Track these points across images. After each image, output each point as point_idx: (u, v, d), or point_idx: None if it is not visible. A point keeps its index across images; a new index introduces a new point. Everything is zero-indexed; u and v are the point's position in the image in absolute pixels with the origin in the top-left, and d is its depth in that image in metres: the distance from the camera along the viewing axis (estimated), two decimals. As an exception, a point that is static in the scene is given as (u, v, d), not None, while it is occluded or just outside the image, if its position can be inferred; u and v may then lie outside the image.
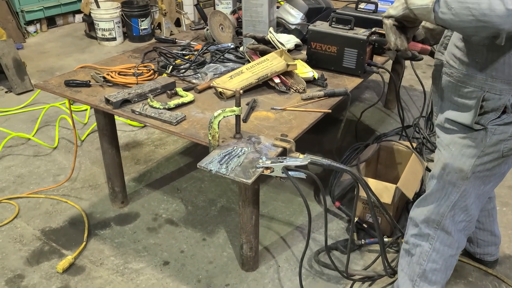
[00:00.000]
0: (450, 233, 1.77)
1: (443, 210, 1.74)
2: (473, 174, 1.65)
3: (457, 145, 1.64)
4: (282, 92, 2.21)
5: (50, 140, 3.42)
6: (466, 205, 1.72)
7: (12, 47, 4.20)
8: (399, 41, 1.64)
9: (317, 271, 2.30)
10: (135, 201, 2.77)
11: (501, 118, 1.52)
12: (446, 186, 1.71)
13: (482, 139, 1.57)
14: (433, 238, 1.80)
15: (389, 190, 2.35)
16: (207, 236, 2.51)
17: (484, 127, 1.55)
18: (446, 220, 1.75)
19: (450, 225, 1.76)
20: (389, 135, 3.41)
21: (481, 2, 1.24)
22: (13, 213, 2.65)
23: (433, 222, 1.78)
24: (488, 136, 1.56)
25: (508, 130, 1.54)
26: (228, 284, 2.22)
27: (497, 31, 1.27)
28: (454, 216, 1.75)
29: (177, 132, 1.88)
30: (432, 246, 1.81)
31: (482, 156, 1.60)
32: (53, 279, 2.23)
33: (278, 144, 1.75)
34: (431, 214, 1.78)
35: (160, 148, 3.35)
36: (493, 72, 1.47)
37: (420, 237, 1.84)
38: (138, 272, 2.27)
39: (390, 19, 1.62)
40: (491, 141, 1.57)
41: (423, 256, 1.84)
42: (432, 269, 1.84)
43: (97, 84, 2.27)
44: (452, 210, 1.73)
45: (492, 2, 1.23)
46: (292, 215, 2.68)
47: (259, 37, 2.44)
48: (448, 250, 1.81)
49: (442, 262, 1.82)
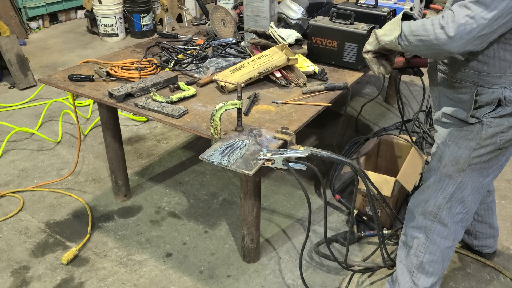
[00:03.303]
0: (446, 225, 1.80)
1: (439, 202, 1.77)
2: (469, 166, 1.67)
3: (454, 137, 1.67)
4: (283, 86, 2.24)
5: (54, 134, 3.46)
6: (462, 197, 1.74)
7: (15, 43, 4.23)
8: (382, 69, 1.82)
9: (318, 262, 2.33)
10: (138, 195, 2.81)
11: (496, 111, 1.55)
12: (442, 178, 1.75)
13: (478, 132, 1.60)
14: (429, 230, 1.83)
15: (388, 183, 2.38)
16: (209, 229, 2.55)
17: (479, 120, 1.58)
18: (442, 212, 1.78)
19: (446, 217, 1.79)
20: (389, 129, 3.44)
21: (429, 34, 1.44)
22: (18, 206, 2.69)
23: (429, 214, 1.81)
24: (484, 129, 1.59)
25: (503, 122, 1.57)
26: (229, 275, 2.25)
27: (450, 54, 1.45)
28: (451, 208, 1.77)
29: (180, 125, 1.91)
30: (428, 238, 1.84)
31: (479, 148, 1.63)
32: (58, 270, 2.27)
33: (279, 136, 1.78)
34: (428, 206, 1.81)
35: (163, 142, 3.38)
36: (484, 66, 1.52)
37: (417, 229, 1.87)
38: (141, 264, 2.31)
39: (369, 54, 1.79)
40: (487, 134, 1.59)
41: (420, 248, 1.87)
42: (429, 261, 1.87)
43: (101, 79, 2.30)
44: (449, 202, 1.76)
45: (437, 32, 1.42)
46: (293, 208, 2.71)
47: (260, 32, 2.46)
48: (444, 241, 1.83)
49: (439, 254, 1.85)
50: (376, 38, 1.72)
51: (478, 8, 1.34)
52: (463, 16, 1.36)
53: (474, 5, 1.35)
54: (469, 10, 1.36)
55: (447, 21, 1.39)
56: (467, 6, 1.36)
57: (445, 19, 1.40)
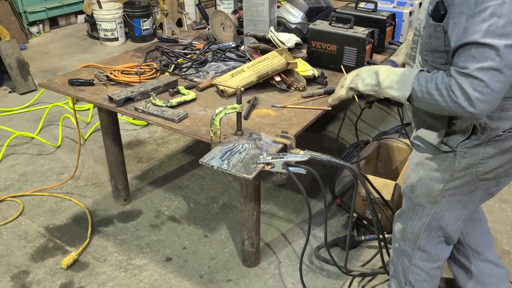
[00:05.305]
0: (427, 251, 1.74)
1: (416, 230, 1.71)
2: (444, 199, 1.59)
3: (425, 167, 1.58)
4: (282, 90, 2.24)
5: (54, 139, 3.46)
6: (440, 225, 1.67)
7: (16, 47, 4.24)
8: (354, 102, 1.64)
9: (318, 266, 2.32)
10: (138, 199, 2.81)
11: (470, 139, 1.45)
12: (416, 207, 1.68)
13: (450, 163, 1.51)
14: (410, 255, 1.78)
15: (388, 187, 2.37)
16: (209, 233, 2.54)
17: (452, 149, 1.48)
18: (421, 240, 1.72)
19: (426, 244, 1.72)
20: (388, 132, 3.43)
21: (444, 106, 1.32)
22: (17, 210, 2.69)
23: (409, 241, 1.75)
24: (457, 160, 1.49)
25: (478, 152, 1.46)
26: (229, 279, 2.25)
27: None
28: (430, 233, 1.70)
29: (180, 129, 1.91)
30: (411, 262, 1.79)
31: (452, 180, 1.53)
32: (58, 275, 2.27)
33: (279, 140, 1.78)
34: (406, 233, 1.75)
35: (162, 146, 3.38)
36: None
37: (400, 252, 1.83)
38: (141, 268, 2.31)
39: (354, 92, 1.58)
40: (460, 165, 1.49)
41: (405, 269, 1.82)
42: (416, 280, 1.81)
43: (101, 83, 2.30)
44: (426, 230, 1.69)
45: (452, 106, 1.30)
46: (293, 212, 2.71)
47: (260, 36, 2.47)
48: (428, 264, 1.78)
49: (425, 275, 1.80)
50: (377, 84, 1.51)
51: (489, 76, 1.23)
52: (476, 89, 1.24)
53: (483, 75, 1.23)
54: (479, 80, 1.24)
55: (461, 101, 1.27)
56: (475, 76, 1.24)
57: (459, 98, 1.28)
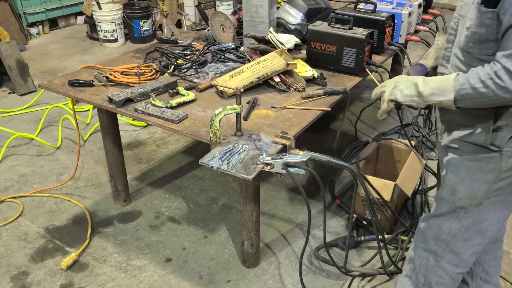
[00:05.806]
0: (459, 254, 1.68)
1: (454, 232, 1.64)
2: (488, 200, 1.53)
3: (468, 169, 1.51)
4: (282, 91, 2.24)
5: (53, 140, 3.46)
6: (481, 228, 1.60)
7: (15, 48, 4.24)
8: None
9: (317, 267, 2.33)
10: (138, 200, 2.81)
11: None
12: (457, 210, 1.61)
13: (496, 163, 1.44)
14: (440, 256, 1.71)
15: (388, 187, 2.38)
16: (209, 234, 2.54)
17: (499, 149, 1.42)
18: (457, 242, 1.65)
19: (460, 247, 1.66)
20: (388, 133, 3.44)
21: (490, 96, 1.30)
22: (17, 211, 2.69)
23: (442, 242, 1.68)
24: (504, 160, 1.42)
25: None
26: (229, 280, 2.25)
27: None
28: (469, 239, 1.63)
29: (179, 130, 1.91)
30: (438, 263, 1.73)
31: (498, 181, 1.47)
32: (57, 275, 2.27)
33: (278, 141, 1.79)
34: (441, 232, 1.68)
35: (162, 147, 3.38)
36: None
37: (427, 252, 1.75)
38: (141, 269, 2.31)
39: (394, 103, 1.58)
40: (507, 166, 1.43)
41: (429, 270, 1.76)
42: (438, 282, 1.77)
43: (100, 84, 2.31)
44: (465, 233, 1.62)
45: (502, 95, 1.28)
46: (293, 212, 2.71)
47: (260, 37, 2.47)
48: (455, 269, 1.72)
49: (448, 278, 1.75)
50: (417, 95, 1.48)
51: None
52: None
53: None
54: None
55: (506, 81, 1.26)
56: None
57: (506, 82, 1.26)
